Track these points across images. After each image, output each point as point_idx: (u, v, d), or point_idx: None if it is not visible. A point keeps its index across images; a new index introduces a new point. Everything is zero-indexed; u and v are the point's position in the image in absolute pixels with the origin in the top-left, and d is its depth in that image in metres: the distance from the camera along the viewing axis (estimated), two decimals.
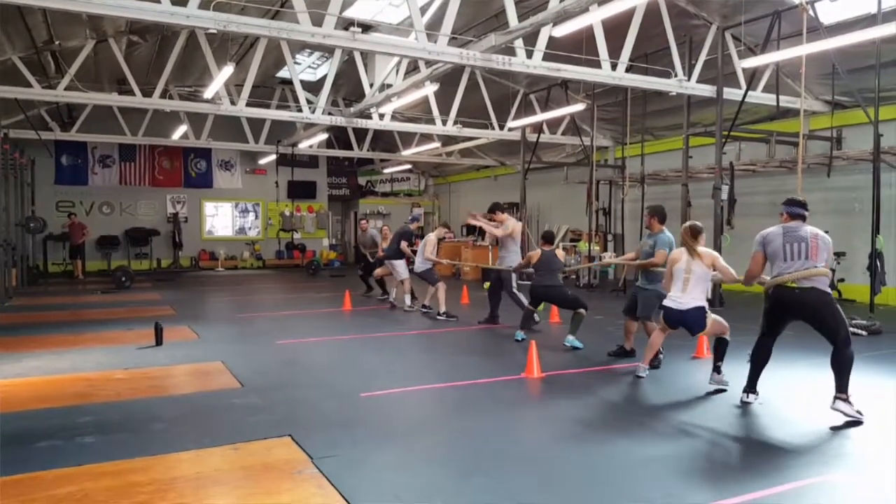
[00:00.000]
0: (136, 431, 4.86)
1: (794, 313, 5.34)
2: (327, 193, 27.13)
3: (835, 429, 4.91)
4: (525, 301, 9.34)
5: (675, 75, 11.78)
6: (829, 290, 5.26)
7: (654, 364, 6.82)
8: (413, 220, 13.13)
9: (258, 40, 13.50)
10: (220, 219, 25.15)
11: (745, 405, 5.51)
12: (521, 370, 6.68)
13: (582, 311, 8.21)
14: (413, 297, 11.80)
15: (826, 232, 5.45)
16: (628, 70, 11.24)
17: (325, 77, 17.77)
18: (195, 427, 4.98)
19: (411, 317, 10.99)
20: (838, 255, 12.60)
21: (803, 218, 5.45)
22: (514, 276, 10.11)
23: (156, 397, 5.87)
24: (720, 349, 6.12)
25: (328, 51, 15.99)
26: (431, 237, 11.43)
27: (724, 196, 12.13)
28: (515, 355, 7.79)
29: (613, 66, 11.08)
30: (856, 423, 5.00)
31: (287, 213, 24.00)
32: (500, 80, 16.92)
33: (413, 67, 14.40)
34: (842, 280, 12.69)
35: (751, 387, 5.61)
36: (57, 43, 12.35)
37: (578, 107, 14.01)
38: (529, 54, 10.30)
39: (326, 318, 11.34)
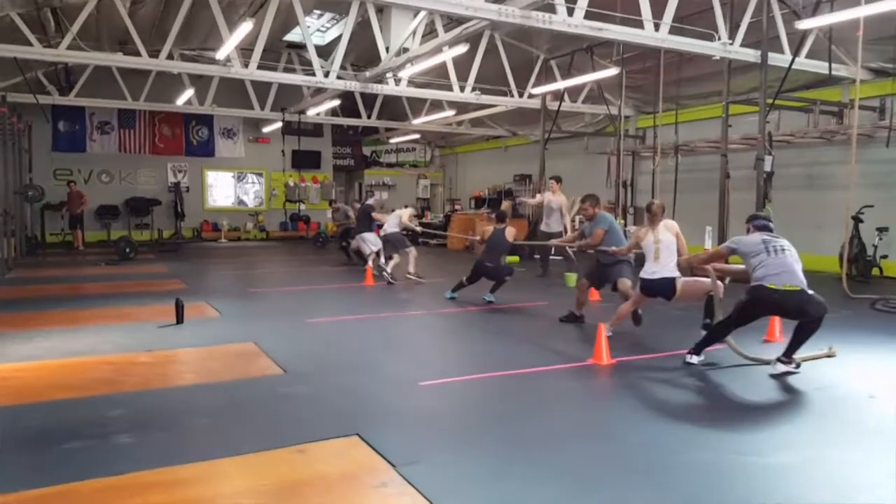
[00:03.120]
0: (178, 429, 4.24)
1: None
2: (332, 164, 26.31)
3: None
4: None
5: (718, 38, 11.06)
6: None
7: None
8: (370, 194, 13.82)
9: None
10: (222, 188, 24.37)
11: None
12: (586, 356, 6.07)
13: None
14: (383, 264, 12.15)
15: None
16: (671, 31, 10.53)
17: (334, 41, 17.02)
18: (245, 423, 4.37)
19: (439, 297, 10.31)
20: (881, 230, 12.07)
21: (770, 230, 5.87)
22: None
23: (191, 385, 5.25)
24: (708, 306, 6.49)
25: (342, 10, 15.17)
26: (405, 212, 12.53)
27: (768, 167, 11.49)
28: (572, 339, 7.21)
29: (656, 27, 10.37)
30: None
31: (291, 184, 23.28)
32: (519, 44, 16.16)
33: (430, 31, 13.64)
34: (885, 256, 12.16)
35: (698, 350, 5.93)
36: None
37: (611, 72, 13.27)
38: (570, 12, 9.59)
39: (350, 293, 10.70)
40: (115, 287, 10.82)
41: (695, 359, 5.88)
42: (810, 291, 5.48)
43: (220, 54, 12.25)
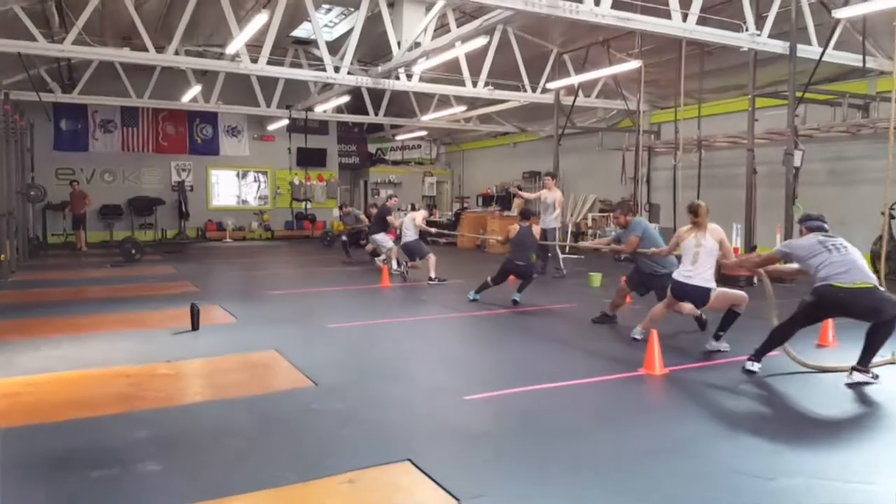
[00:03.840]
0: (210, 454, 3.85)
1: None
2: (337, 161, 25.89)
3: None
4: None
5: (746, 29, 10.66)
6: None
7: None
8: (390, 198, 13.77)
9: None
10: (227, 187, 23.96)
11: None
12: (635, 364, 5.69)
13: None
14: (398, 263, 12.31)
15: None
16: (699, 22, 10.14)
17: (342, 37, 16.61)
18: (282, 446, 3.97)
19: (462, 299, 9.90)
20: None
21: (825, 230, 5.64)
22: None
23: (216, 401, 4.84)
24: (727, 319, 6.28)
25: (351, 4, 14.77)
26: (418, 215, 12.27)
27: (798, 162, 11.10)
28: (614, 344, 6.85)
29: (683, 18, 9.99)
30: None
31: (296, 182, 22.85)
32: (532, 38, 15.76)
33: (440, 25, 13.26)
34: None
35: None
36: None
37: (632, 65, 12.86)
38: (597, 2, 9.21)
39: (368, 296, 10.31)
40: (123, 290, 10.42)
41: (756, 366, 5.53)
42: (882, 288, 5.13)
43: (231, 48, 11.84)
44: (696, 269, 6.17)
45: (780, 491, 3.38)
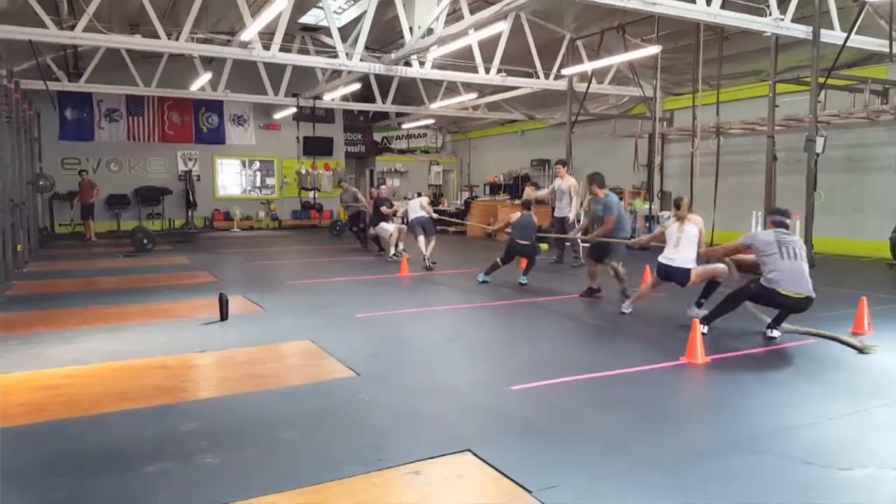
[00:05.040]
0: (266, 445, 3.76)
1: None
2: (343, 150, 25.74)
3: None
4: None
5: (769, 13, 10.53)
6: None
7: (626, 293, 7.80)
8: (380, 187, 14.02)
9: None
10: (234, 177, 23.83)
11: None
12: (677, 354, 5.61)
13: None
14: (396, 247, 12.80)
15: None
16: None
17: (350, 24, 16.41)
18: (337, 436, 3.90)
19: (481, 288, 9.81)
20: None
21: (787, 226, 6.21)
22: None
23: (261, 392, 4.75)
24: (708, 288, 7.12)
25: None
26: (424, 199, 12.86)
27: (820, 149, 11.00)
28: (649, 332, 6.81)
29: (707, 2, 9.86)
30: None
31: (303, 172, 22.68)
32: (546, 23, 15.60)
33: (452, 11, 13.08)
34: None
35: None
36: None
37: (650, 50, 12.74)
38: None
39: (389, 285, 10.22)
40: (143, 281, 10.32)
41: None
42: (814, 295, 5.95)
43: (246, 35, 11.69)
44: (679, 252, 6.91)
45: (853, 482, 3.31)
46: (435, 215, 12.93)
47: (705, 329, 6.06)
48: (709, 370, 5.32)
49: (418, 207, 12.39)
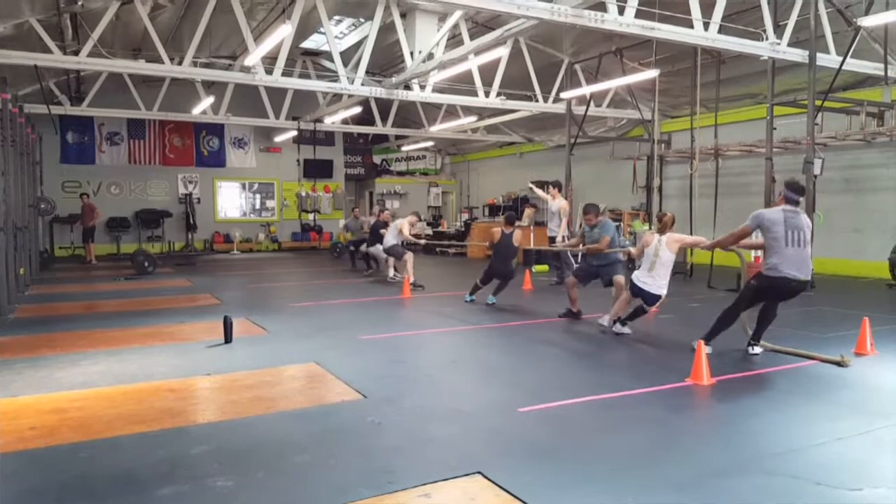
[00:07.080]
0: (276, 468, 3.77)
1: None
2: (343, 172, 25.86)
3: None
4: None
5: (766, 38, 10.68)
6: None
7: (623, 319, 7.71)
8: (381, 212, 14.61)
9: (293, 2, 12.32)
10: (233, 199, 23.91)
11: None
12: (682, 375, 5.63)
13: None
14: (395, 271, 13.24)
15: None
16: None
17: (351, 48, 16.58)
18: (348, 459, 3.91)
19: (484, 310, 9.84)
20: None
21: (797, 203, 6.17)
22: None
23: (269, 414, 4.76)
24: (637, 314, 7.46)
25: (363, 15, 14.78)
26: (404, 223, 12.64)
27: (818, 170, 11.11)
28: (652, 353, 6.84)
29: (705, 27, 10.01)
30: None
31: (303, 194, 22.78)
32: (544, 48, 15.78)
33: (452, 35, 13.24)
34: None
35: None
36: (80, 3, 11.03)
37: (649, 74, 12.88)
38: (621, 10, 9.22)
39: (391, 307, 10.24)
40: (145, 304, 10.34)
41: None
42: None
43: (250, 60, 11.82)
44: (653, 278, 7.15)
45: (865, 501, 3.33)
46: (411, 238, 12.74)
47: (709, 350, 6.08)
48: (715, 391, 5.34)
49: (394, 231, 12.68)
